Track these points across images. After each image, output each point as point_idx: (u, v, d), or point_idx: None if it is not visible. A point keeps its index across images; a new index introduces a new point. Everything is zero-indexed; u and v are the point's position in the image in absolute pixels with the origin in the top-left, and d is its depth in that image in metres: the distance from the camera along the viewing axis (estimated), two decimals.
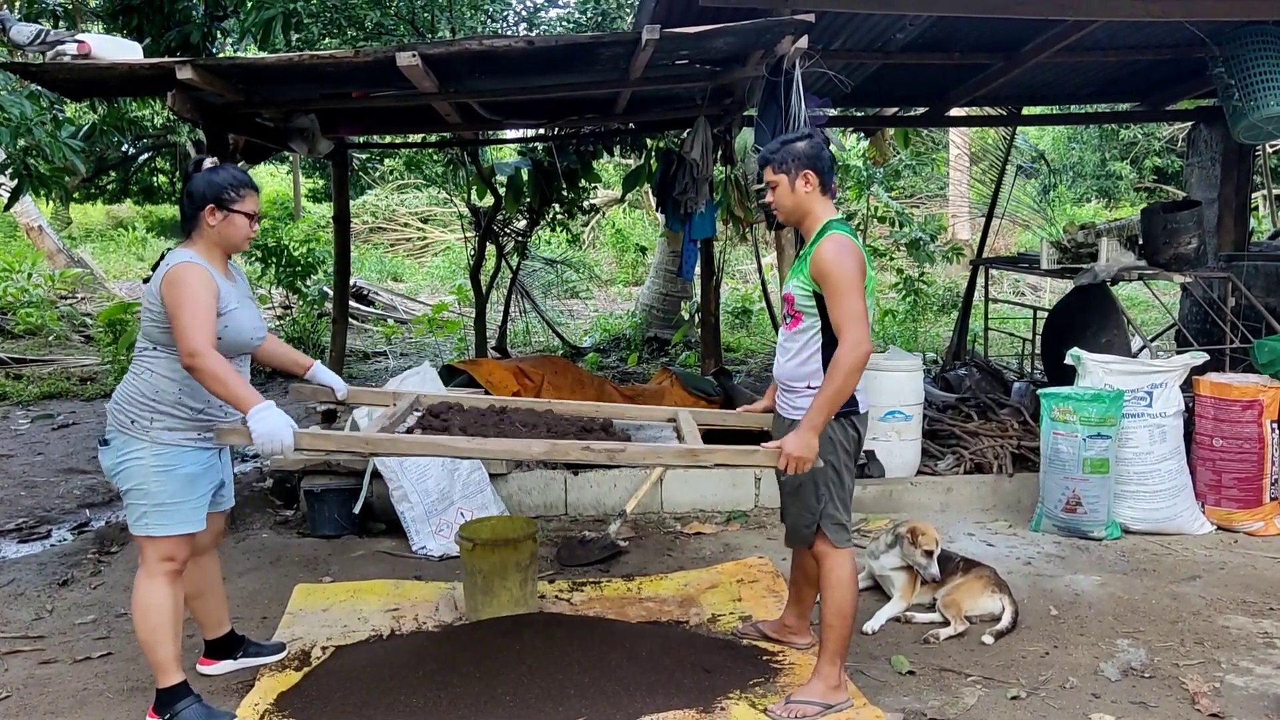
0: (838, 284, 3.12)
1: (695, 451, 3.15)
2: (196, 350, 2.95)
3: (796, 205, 3.32)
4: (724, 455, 3.17)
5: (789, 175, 3.28)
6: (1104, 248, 6.20)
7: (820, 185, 3.29)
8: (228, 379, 2.96)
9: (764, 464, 3.18)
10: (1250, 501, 5.15)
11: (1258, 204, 12.52)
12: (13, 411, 8.57)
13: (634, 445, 3.27)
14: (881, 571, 4.19)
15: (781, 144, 3.34)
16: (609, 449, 3.14)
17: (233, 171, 3.25)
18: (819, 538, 3.35)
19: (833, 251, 3.14)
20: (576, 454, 3.13)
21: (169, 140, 10.47)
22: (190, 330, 2.98)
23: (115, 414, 3.16)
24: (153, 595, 3.17)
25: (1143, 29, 6.08)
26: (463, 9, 8.98)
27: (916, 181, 17.79)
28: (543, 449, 3.13)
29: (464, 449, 3.25)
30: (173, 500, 3.14)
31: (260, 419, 2.92)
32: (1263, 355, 5.48)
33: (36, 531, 5.45)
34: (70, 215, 20.87)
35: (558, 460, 3.34)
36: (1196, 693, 3.42)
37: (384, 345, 11.84)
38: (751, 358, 10.65)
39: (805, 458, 3.07)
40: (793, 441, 3.08)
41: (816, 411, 3.10)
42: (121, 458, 3.14)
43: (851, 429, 3.32)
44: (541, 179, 8.67)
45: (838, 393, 3.10)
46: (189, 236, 3.22)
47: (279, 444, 2.92)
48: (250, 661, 3.67)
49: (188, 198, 3.19)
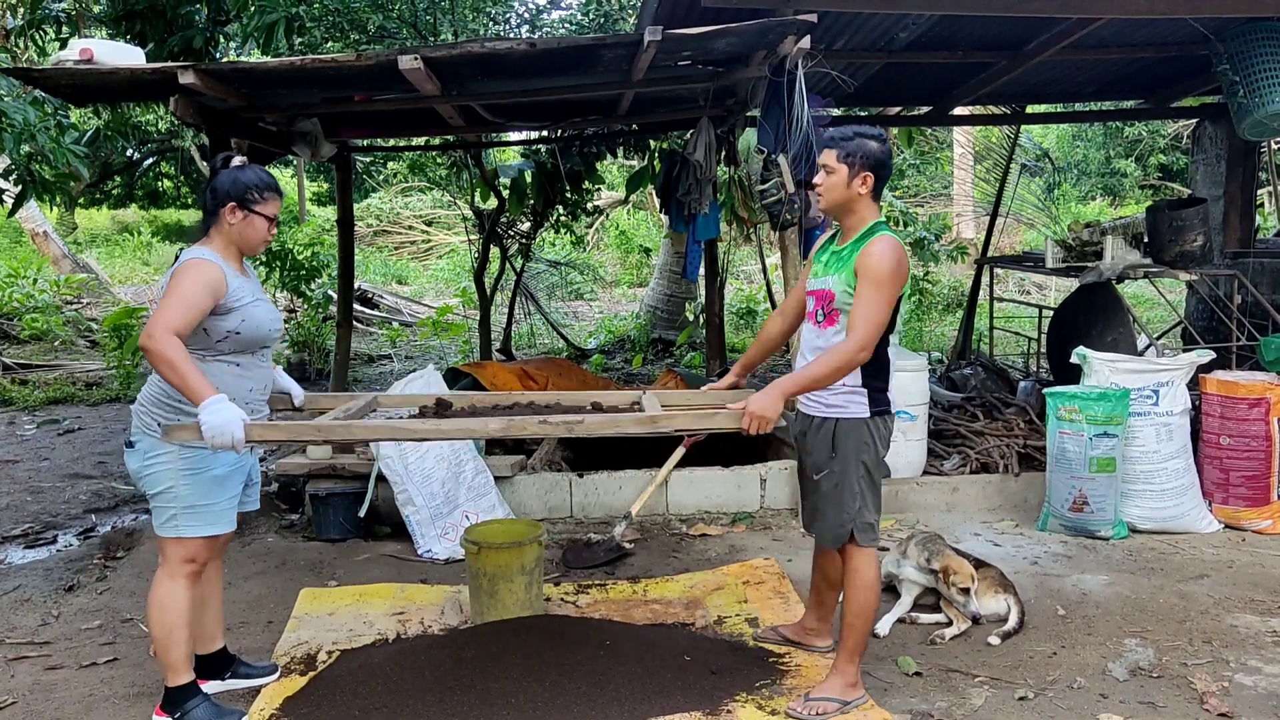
0: (874, 285, 3.09)
1: (655, 418, 3.13)
2: (154, 333, 2.89)
3: (846, 200, 3.24)
4: (684, 420, 3.17)
5: (851, 168, 3.20)
6: (1109, 246, 6.19)
7: (873, 190, 3.24)
8: (181, 366, 2.89)
9: (726, 425, 3.12)
10: (1258, 499, 5.13)
11: (1263, 201, 12.51)
12: (19, 417, 8.59)
13: (592, 416, 3.24)
14: (903, 575, 4.14)
15: (856, 134, 3.24)
16: (567, 420, 3.12)
17: (259, 172, 3.25)
18: (849, 538, 3.34)
19: (884, 250, 3.11)
20: (534, 428, 3.12)
21: (173, 145, 10.51)
22: (163, 314, 2.93)
23: (140, 416, 3.14)
24: (173, 595, 3.16)
25: (1147, 26, 6.06)
26: (465, 11, 8.99)
27: (921, 181, 17.77)
28: (499, 425, 3.12)
29: (420, 430, 3.25)
30: (204, 501, 3.13)
31: (211, 411, 2.86)
32: (1269, 352, 5.46)
33: (42, 537, 5.46)
34: (75, 220, 20.94)
35: (514, 436, 3.33)
36: (1205, 692, 3.41)
37: (389, 348, 11.86)
38: None
39: (768, 417, 3.05)
40: (759, 401, 3.05)
41: (793, 381, 3.10)
42: (149, 460, 3.12)
43: (884, 428, 3.31)
44: (545, 181, 8.67)
45: (823, 378, 3.11)
46: (207, 232, 3.21)
47: (229, 437, 2.86)
48: (240, 683, 3.55)
49: (210, 193, 3.18)
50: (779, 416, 3.07)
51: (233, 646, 3.68)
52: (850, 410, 3.26)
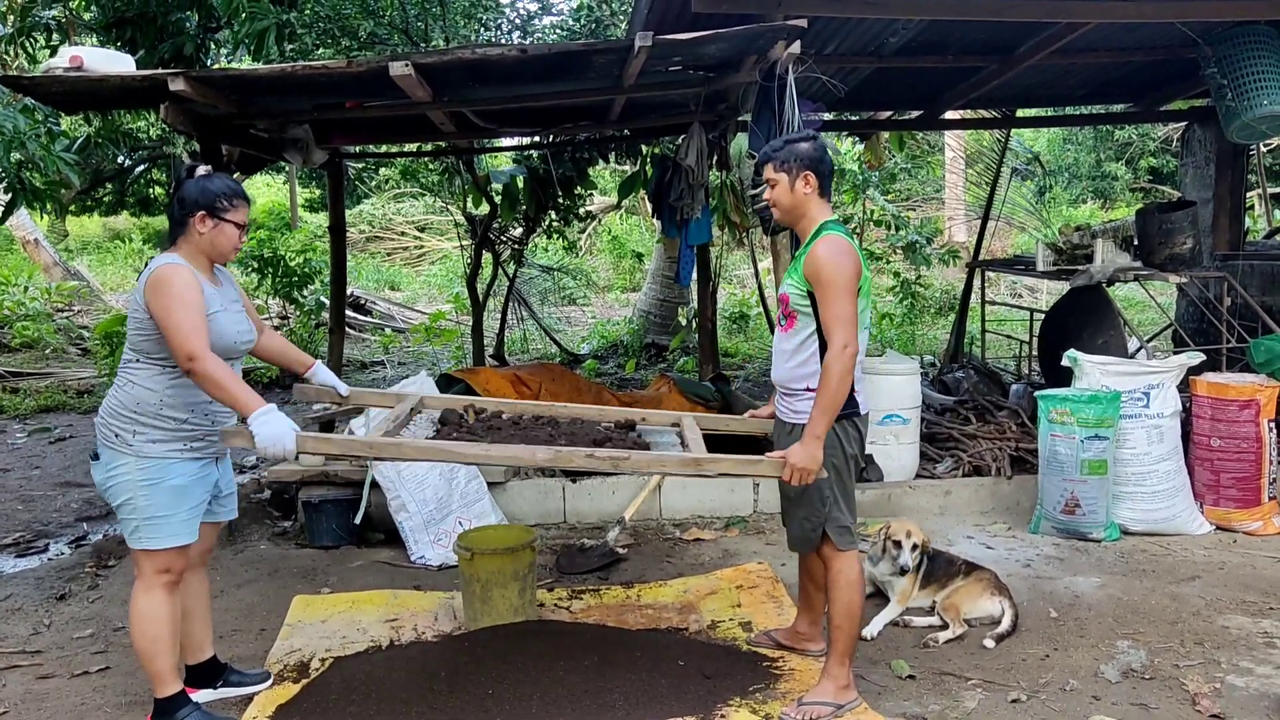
0: (829, 285, 3.11)
1: (700, 461, 3.15)
2: (195, 354, 2.91)
3: (794, 205, 3.31)
4: (728, 465, 3.17)
5: (789, 174, 3.27)
6: (1100, 249, 6.21)
7: (819, 188, 3.29)
8: (227, 383, 2.93)
9: (768, 474, 3.18)
10: (1248, 501, 5.15)
11: (1253, 203, 12.55)
12: (10, 425, 8.56)
13: (638, 454, 3.26)
14: (882, 577, 4.19)
15: (785, 143, 3.33)
16: (613, 456, 3.13)
17: (226, 181, 3.24)
18: (824, 542, 3.35)
19: (826, 252, 3.14)
20: (580, 461, 3.13)
21: (165, 152, 10.47)
22: (183, 333, 2.93)
23: (101, 428, 3.14)
24: (151, 606, 3.14)
25: (1135, 30, 6.09)
26: (456, 18, 9.00)
27: (912, 184, 17.78)
28: (547, 455, 3.12)
29: (469, 454, 3.25)
30: (162, 513, 3.10)
31: (263, 423, 2.90)
32: (1259, 354, 5.49)
33: (33, 546, 5.44)
34: (67, 228, 20.87)
35: (562, 467, 3.34)
36: (1197, 693, 3.42)
37: (382, 354, 11.85)
38: (749, 363, 10.65)
39: (809, 469, 3.07)
40: (798, 452, 3.07)
41: (816, 421, 3.10)
42: (110, 472, 3.11)
43: (853, 430, 3.32)
44: (537, 186, 8.67)
45: (833, 398, 3.10)
46: (174, 242, 3.19)
47: (281, 448, 2.90)
48: (232, 691, 3.52)
49: (178, 203, 3.17)
50: (820, 466, 3.09)
51: (225, 654, 3.67)
52: None
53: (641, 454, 3.31)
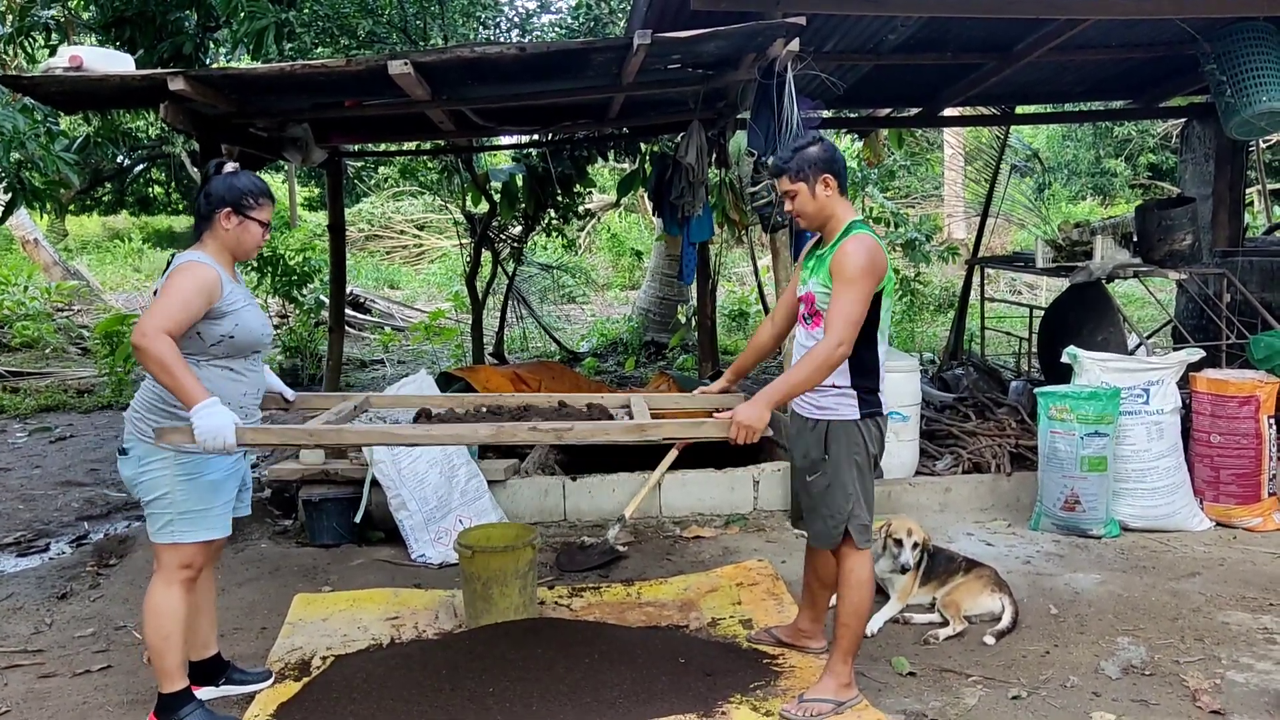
0: (847, 283, 3.11)
1: (643, 426, 3.17)
2: (146, 330, 2.88)
3: (819, 210, 3.28)
4: (672, 428, 3.19)
5: (808, 182, 3.24)
6: (1099, 245, 6.21)
7: (839, 187, 3.28)
8: (175, 369, 2.89)
9: (713, 434, 3.15)
10: (1248, 497, 5.16)
11: (1252, 199, 12.56)
12: (10, 425, 8.56)
13: (581, 423, 3.27)
14: (882, 574, 4.19)
15: (794, 152, 3.28)
16: (556, 428, 3.15)
17: (253, 179, 3.26)
18: (844, 539, 3.35)
19: (855, 250, 3.14)
20: (524, 435, 3.14)
21: (164, 151, 10.48)
22: (156, 314, 2.93)
23: (134, 422, 3.14)
24: (168, 601, 3.15)
25: (1134, 27, 6.09)
26: (455, 16, 9.00)
27: (911, 182, 17.79)
28: (489, 431, 3.15)
29: (409, 436, 3.28)
30: (199, 507, 3.13)
31: (204, 415, 2.87)
32: (1259, 350, 5.49)
33: (35, 545, 5.44)
34: (66, 227, 20.89)
35: (504, 442, 3.37)
36: (1197, 690, 3.42)
37: (381, 353, 11.85)
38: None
39: (755, 428, 3.07)
40: (745, 411, 3.08)
41: (776, 390, 3.12)
42: (144, 466, 3.11)
43: (875, 429, 3.33)
44: (536, 185, 8.67)
45: (804, 381, 3.13)
46: (199, 238, 3.21)
47: (222, 441, 2.88)
48: (234, 689, 3.53)
49: (205, 199, 3.19)
50: (765, 426, 3.09)
51: (226, 653, 3.68)
52: (840, 412, 3.28)
53: (585, 423, 3.30)
